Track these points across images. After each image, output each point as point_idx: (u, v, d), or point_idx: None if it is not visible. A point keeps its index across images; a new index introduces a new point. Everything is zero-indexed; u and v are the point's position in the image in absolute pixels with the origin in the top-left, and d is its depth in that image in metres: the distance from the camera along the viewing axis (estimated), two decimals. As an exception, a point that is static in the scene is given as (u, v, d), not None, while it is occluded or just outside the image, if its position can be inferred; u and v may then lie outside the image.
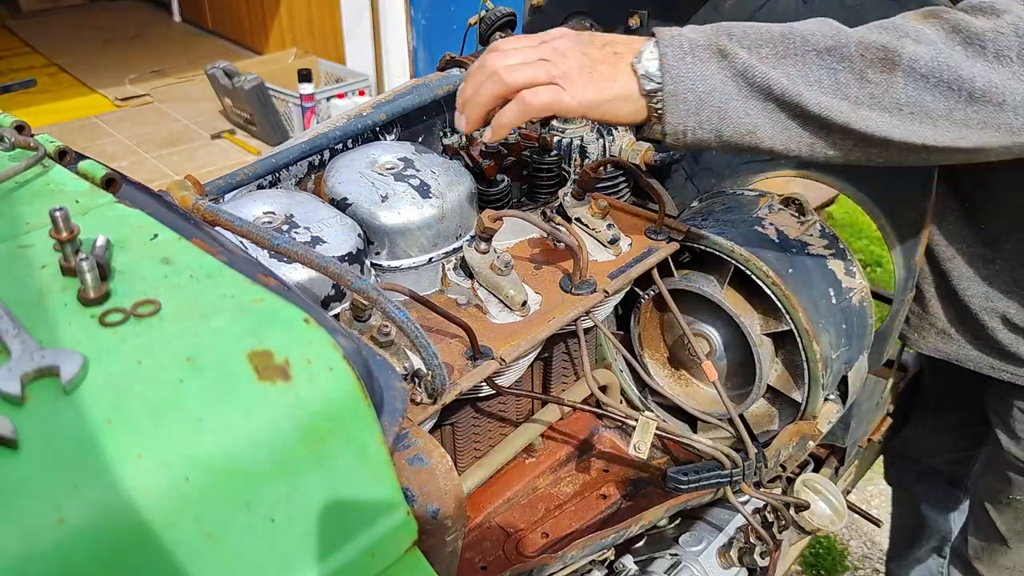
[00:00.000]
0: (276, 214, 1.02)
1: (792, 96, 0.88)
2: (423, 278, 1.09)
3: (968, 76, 0.85)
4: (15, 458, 0.47)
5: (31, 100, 5.11)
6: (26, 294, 0.59)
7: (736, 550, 1.17)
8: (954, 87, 0.86)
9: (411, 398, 0.87)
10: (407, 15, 4.91)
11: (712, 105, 0.89)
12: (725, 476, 1.09)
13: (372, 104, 1.26)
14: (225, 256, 0.65)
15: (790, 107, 0.89)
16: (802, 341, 1.14)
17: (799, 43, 0.89)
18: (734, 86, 0.89)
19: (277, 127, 4.68)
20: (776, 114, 0.90)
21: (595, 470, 1.31)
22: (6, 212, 0.69)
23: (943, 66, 0.85)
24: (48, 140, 0.78)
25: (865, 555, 2.48)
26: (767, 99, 0.89)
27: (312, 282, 0.96)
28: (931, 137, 0.88)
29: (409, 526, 0.61)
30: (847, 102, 0.87)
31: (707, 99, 0.89)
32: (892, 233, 1.27)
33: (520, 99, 0.91)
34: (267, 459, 0.53)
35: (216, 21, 6.50)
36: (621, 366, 1.35)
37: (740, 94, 0.89)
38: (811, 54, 0.88)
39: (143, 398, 0.51)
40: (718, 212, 1.25)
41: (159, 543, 0.48)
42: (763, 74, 0.88)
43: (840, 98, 0.87)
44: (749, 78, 0.88)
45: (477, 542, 1.18)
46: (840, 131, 0.89)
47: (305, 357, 0.56)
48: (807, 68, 0.88)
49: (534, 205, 1.26)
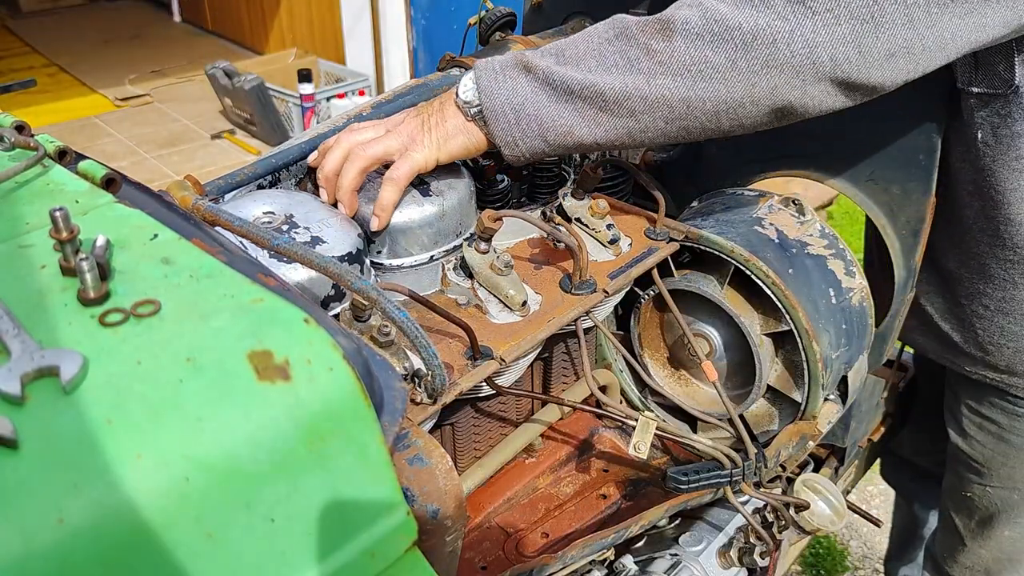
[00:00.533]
0: (276, 214, 1.02)
1: (590, 87, 0.96)
2: (423, 278, 1.09)
3: (736, 24, 0.91)
4: (15, 458, 0.47)
5: (31, 100, 5.11)
6: (26, 294, 0.59)
7: (736, 550, 1.17)
8: (727, 37, 0.91)
9: (411, 398, 0.87)
10: (407, 15, 4.91)
11: (528, 115, 0.99)
12: (725, 476, 1.09)
13: (372, 104, 1.26)
14: (225, 256, 0.65)
15: (592, 99, 0.97)
16: (802, 341, 1.14)
17: (594, 39, 0.99)
18: (543, 93, 0.99)
19: (277, 127, 4.68)
20: (584, 110, 0.98)
21: (595, 470, 1.31)
22: (6, 212, 0.69)
23: (712, 20, 0.92)
24: (48, 140, 0.78)
25: (865, 555, 2.48)
26: (572, 98, 0.98)
27: (312, 282, 0.96)
28: (725, 92, 0.94)
29: (409, 526, 0.61)
30: (642, 75, 0.95)
31: (522, 109, 0.99)
32: (892, 233, 1.27)
33: (387, 179, 1.03)
34: (267, 459, 0.53)
35: (216, 21, 6.51)
36: (621, 366, 1.35)
37: (549, 99, 0.99)
38: (604, 44, 0.97)
39: (143, 398, 0.51)
40: (718, 212, 1.25)
41: (159, 543, 0.48)
42: (562, 75, 0.97)
43: (635, 73, 0.95)
44: (552, 82, 0.98)
45: (477, 542, 1.18)
46: (643, 107, 0.96)
47: (305, 357, 0.56)
48: (602, 57, 0.97)
49: (534, 205, 1.26)
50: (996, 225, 1.16)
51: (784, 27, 0.90)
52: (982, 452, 1.37)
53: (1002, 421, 1.32)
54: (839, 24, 0.89)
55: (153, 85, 5.52)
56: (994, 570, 1.47)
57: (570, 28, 1.53)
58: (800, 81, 0.92)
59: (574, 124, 0.99)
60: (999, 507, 1.40)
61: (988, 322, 1.25)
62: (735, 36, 0.91)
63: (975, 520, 1.44)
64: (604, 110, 0.97)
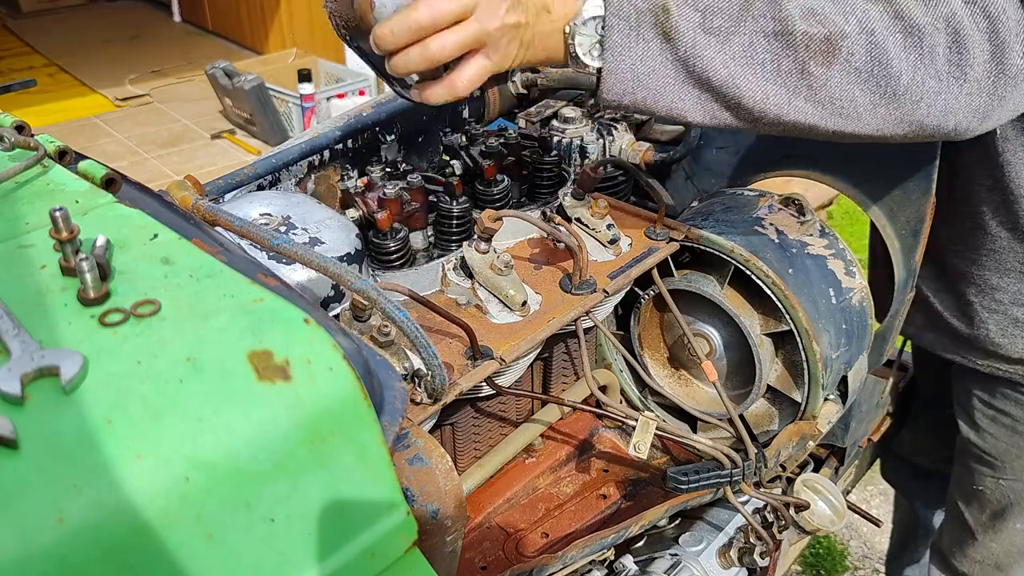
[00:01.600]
0: (273, 215, 1.02)
1: (730, 88, 0.89)
2: (423, 278, 1.09)
3: (896, 72, 0.88)
4: (15, 458, 0.47)
5: (31, 100, 5.10)
6: (26, 294, 0.59)
7: (736, 550, 1.17)
8: (883, 83, 0.89)
9: (411, 398, 0.87)
10: (407, 15, 4.89)
11: (648, 87, 0.90)
12: (725, 476, 1.09)
13: (372, 104, 1.26)
14: (225, 256, 0.65)
15: (724, 97, 0.90)
16: (802, 341, 1.14)
17: (750, 22, 0.89)
18: (673, 72, 0.90)
19: (277, 127, 4.68)
20: (709, 103, 0.92)
21: (595, 470, 1.31)
22: (6, 212, 0.69)
23: (876, 60, 0.88)
24: (48, 140, 0.78)
25: (865, 555, 2.48)
26: (704, 88, 0.90)
27: (312, 282, 0.96)
28: (852, 128, 0.92)
29: (409, 526, 0.61)
30: (785, 92, 0.90)
31: (645, 80, 0.90)
32: (892, 233, 1.27)
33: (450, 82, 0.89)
34: (267, 459, 0.53)
35: (216, 21, 6.50)
36: (621, 366, 1.35)
37: (677, 80, 0.90)
38: (759, 35, 0.88)
39: (143, 398, 0.51)
40: (718, 212, 1.25)
41: (159, 543, 0.48)
42: (704, 62, 0.88)
43: (779, 86, 0.89)
44: (690, 66, 0.89)
45: (477, 542, 1.18)
46: (769, 119, 0.92)
47: (305, 357, 0.56)
48: (752, 51, 0.88)
49: (534, 205, 1.26)
50: (1016, 219, 1.18)
51: (934, 88, 0.89)
52: (995, 445, 1.37)
53: (1016, 413, 1.33)
54: (980, 96, 0.90)
55: (153, 85, 5.52)
56: (1005, 563, 1.47)
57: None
58: (918, 134, 0.93)
59: (691, 110, 0.92)
60: (1012, 500, 1.40)
61: (1002, 316, 1.26)
62: (890, 84, 0.89)
63: (987, 514, 1.44)
64: (729, 109, 0.92)
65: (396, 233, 1.10)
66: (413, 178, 1.15)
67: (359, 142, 1.24)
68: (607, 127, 1.36)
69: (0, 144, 0.77)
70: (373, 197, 1.12)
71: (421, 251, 1.18)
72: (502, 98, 1.42)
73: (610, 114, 1.39)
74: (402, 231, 1.11)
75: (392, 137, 1.28)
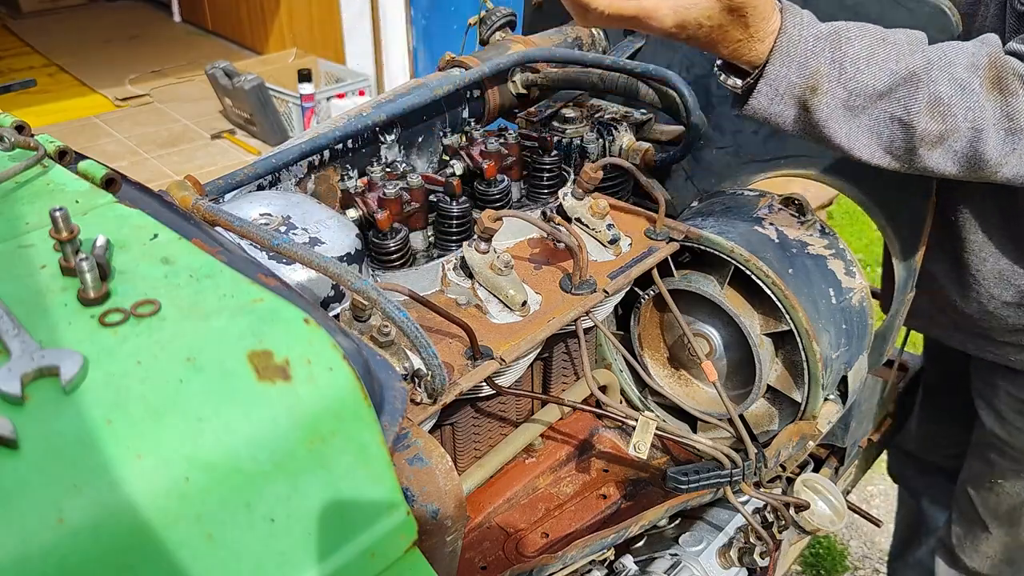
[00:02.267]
0: (273, 216, 1.02)
1: (844, 148, 0.99)
2: (423, 278, 1.09)
3: (988, 158, 0.97)
4: (15, 458, 0.47)
5: (31, 100, 5.10)
6: (26, 294, 0.59)
7: (736, 550, 1.17)
8: (972, 163, 0.98)
9: (411, 398, 0.87)
10: (407, 15, 4.90)
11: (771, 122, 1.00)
12: (725, 476, 1.09)
13: (372, 104, 1.26)
14: (225, 256, 0.65)
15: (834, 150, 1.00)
16: (802, 341, 1.14)
17: (884, 103, 0.95)
18: (800, 129, 0.99)
19: (277, 127, 4.68)
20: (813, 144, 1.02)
21: (595, 470, 1.31)
22: (6, 212, 0.69)
23: (975, 150, 0.97)
24: (48, 140, 0.78)
25: (865, 555, 2.48)
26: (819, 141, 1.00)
27: (312, 282, 0.96)
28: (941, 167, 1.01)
29: (409, 526, 0.61)
30: (889, 158, 1.00)
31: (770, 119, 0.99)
32: (892, 233, 1.27)
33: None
34: (267, 459, 0.53)
35: (216, 21, 6.50)
36: (621, 366, 1.35)
37: (796, 130, 1.00)
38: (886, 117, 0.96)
39: (143, 398, 0.51)
40: (718, 212, 1.25)
41: (159, 543, 0.48)
42: (830, 131, 0.97)
43: (886, 154, 1.00)
44: (817, 131, 0.98)
45: (477, 542, 1.18)
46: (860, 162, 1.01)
47: (305, 357, 0.56)
48: (877, 126, 0.97)
49: (534, 205, 1.26)
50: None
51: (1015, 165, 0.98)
52: (1021, 439, 1.37)
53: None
54: None
55: (153, 85, 5.52)
56: (1018, 558, 1.47)
57: (571, 28, 1.53)
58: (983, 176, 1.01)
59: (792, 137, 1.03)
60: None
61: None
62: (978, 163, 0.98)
63: (1004, 508, 1.44)
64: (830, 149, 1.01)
65: (396, 233, 1.10)
66: (413, 178, 1.15)
67: (359, 142, 1.24)
68: (607, 127, 1.36)
69: (0, 144, 0.77)
70: (373, 197, 1.11)
71: (421, 251, 1.17)
72: (502, 98, 1.42)
73: (610, 114, 1.39)
74: (402, 231, 1.11)
75: (392, 137, 1.28)
